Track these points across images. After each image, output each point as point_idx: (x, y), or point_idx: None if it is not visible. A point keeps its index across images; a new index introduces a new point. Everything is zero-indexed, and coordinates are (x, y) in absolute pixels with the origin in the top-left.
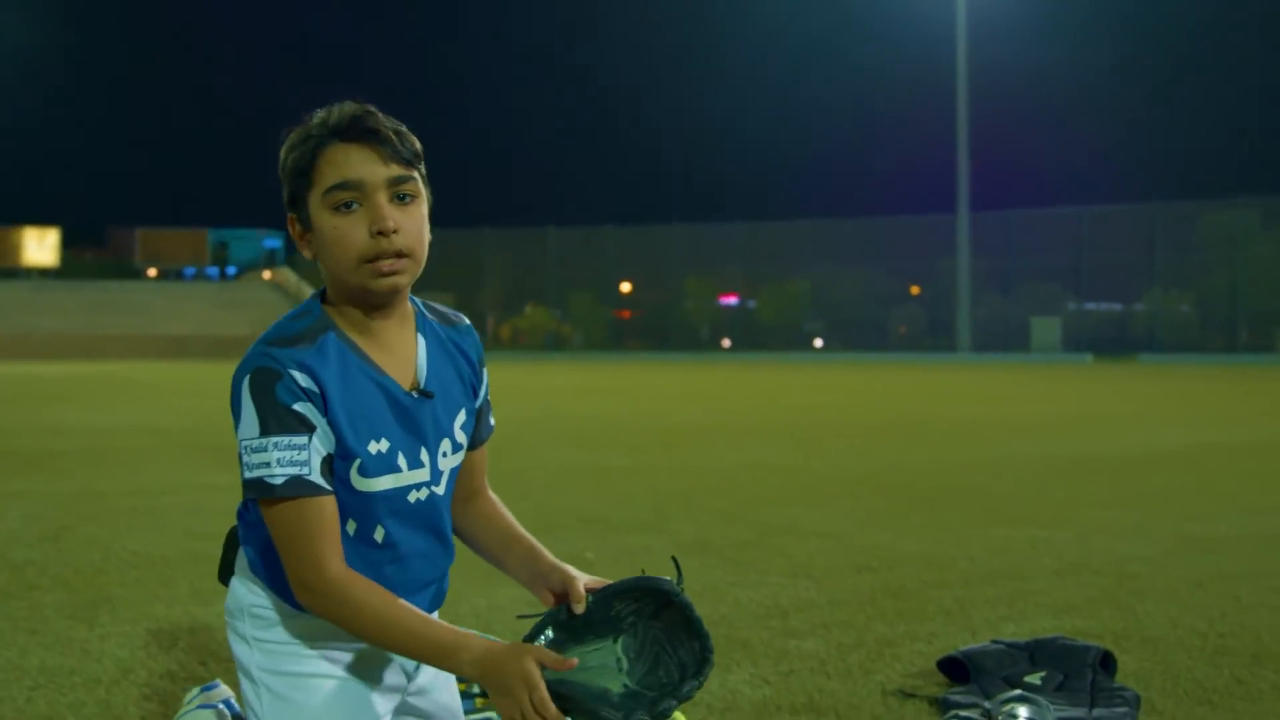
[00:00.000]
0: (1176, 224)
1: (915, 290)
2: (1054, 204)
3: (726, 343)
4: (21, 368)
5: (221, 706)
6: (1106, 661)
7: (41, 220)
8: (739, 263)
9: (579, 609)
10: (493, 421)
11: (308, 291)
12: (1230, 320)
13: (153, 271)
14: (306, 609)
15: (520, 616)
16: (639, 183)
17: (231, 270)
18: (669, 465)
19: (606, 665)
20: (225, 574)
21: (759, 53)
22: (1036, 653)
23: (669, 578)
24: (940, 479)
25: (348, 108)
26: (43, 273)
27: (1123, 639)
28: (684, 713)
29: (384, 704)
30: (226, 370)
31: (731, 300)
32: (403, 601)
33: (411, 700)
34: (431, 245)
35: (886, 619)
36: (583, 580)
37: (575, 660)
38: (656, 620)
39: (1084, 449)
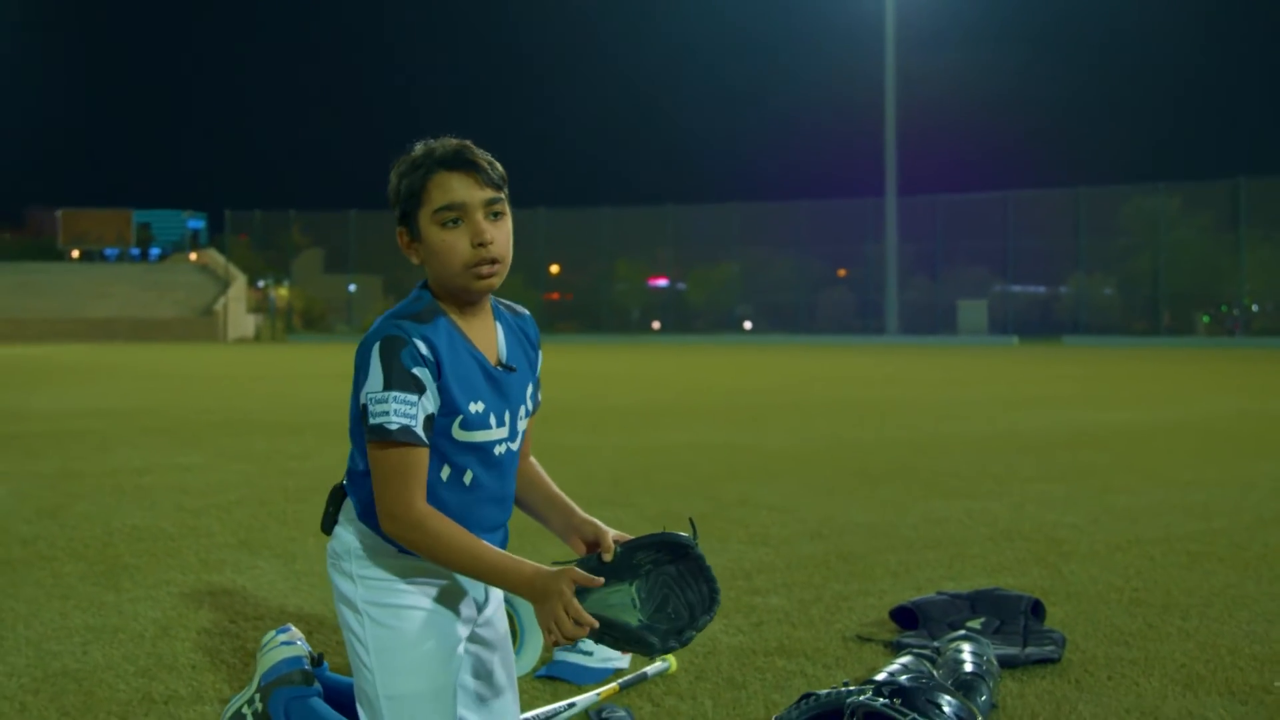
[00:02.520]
0: (1100, 209)
1: (842, 273)
2: (980, 189)
3: (657, 325)
4: None
5: (300, 644)
6: (1037, 609)
7: None
8: (669, 246)
9: (607, 558)
10: (540, 397)
11: (236, 274)
12: (1152, 303)
13: (76, 253)
14: (391, 537)
15: (555, 563)
16: (569, 166)
17: (155, 252)
18: (622, 445)
19: (624, 604)
20: (328, 524)
21: (691, 38)
22: (976, 602)
23: (688, 535)
24: (880, 456)
25: (450, 143)
26: None
27: (1050, 593)
28: (675, 657)
29: (462, 630)
30: (155, 352)
31: (662, 283)
32: (470, 534)
33: (479, 630)
34: (359, 226)
35: (840, 579)
36: (611, 534)
37: (602, 580)
38: (673, 570)
39: (1013, 427)
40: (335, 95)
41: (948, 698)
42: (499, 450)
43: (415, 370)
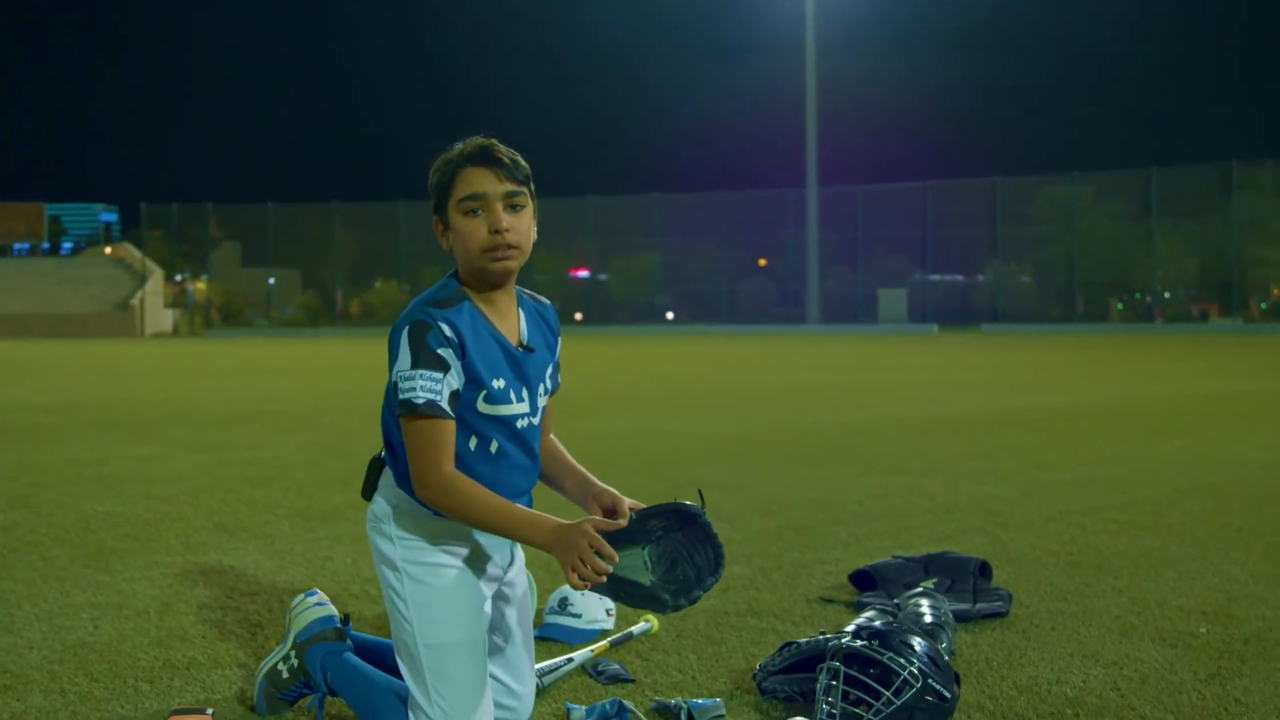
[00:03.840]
0: (1016, 198)
1: (763, 262)
2: (900, 179)
3: (579, 316)
4: None
5: (330, 605)
6: (985, 570)
7: None
8: (590, 237)
9: (623, 522)
10: (559, 380)
11: (153, 268)
12: (1068, 290)
13: None
14: (422, 501)
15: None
16: None
17: (67, 246)
18: (569, 431)
19: (636, 566)
20: (368, 491)
21: (612, 27)
22: (929, 564)
23: (696, 505)
24: (818, 438)
25: (477, 140)
26: None
27: (993, 558)
28: (656, 619)
29: (488, 588)
30: (77, 348)
31: (583, 274)
32: (495, 494)
33: (504, 588)
34: (278, 219)
35: (796, 549)
36: (627, 502)
37: (624, 522)
38: (682, 535)
39: (940, 411)
40: (253, 85)
41: (918, 639)
42: (521, 424)
43: (440, 351)
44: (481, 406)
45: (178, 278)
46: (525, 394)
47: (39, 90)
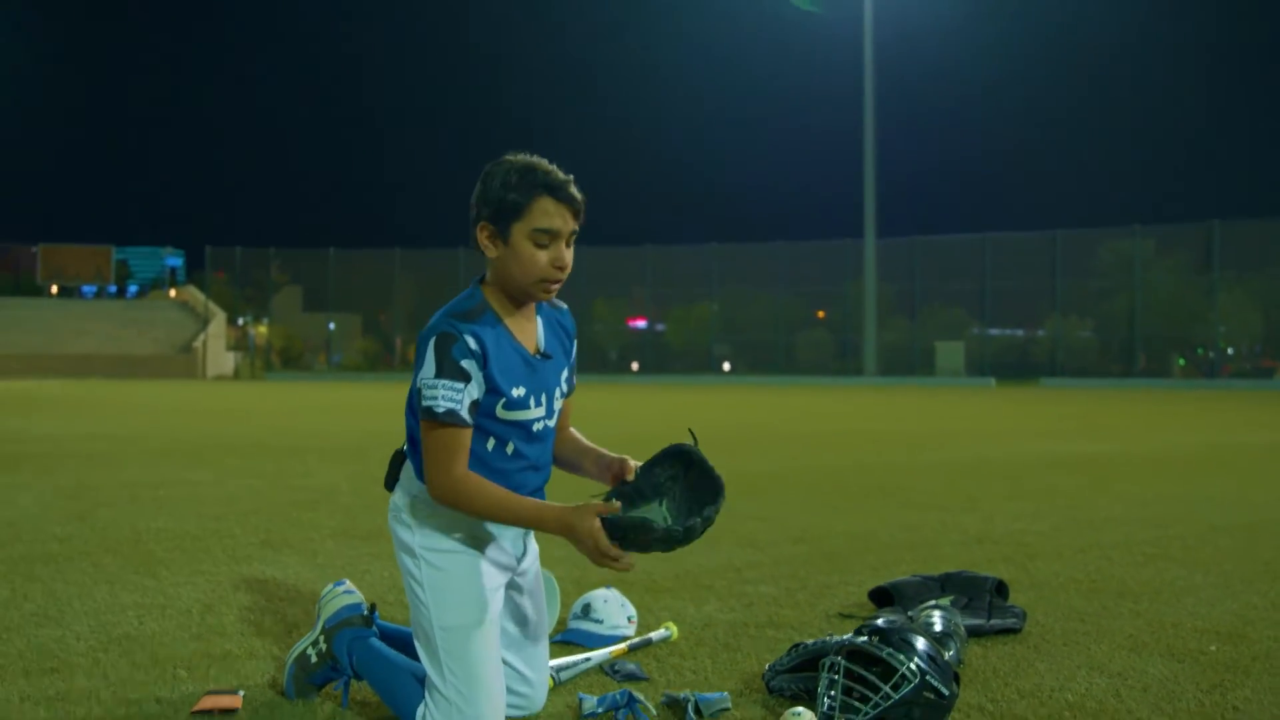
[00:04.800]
0: (1076, 251)
1: (821, 315)
2: (958, 230)
3: (635, 366)
4: None
5: (358, 594)
6: (1001, 588)
7: None
8: (647, 286)
9: (630, 477)
10: (575, 381)
11: (215, 311)
12: (1128, 345)
13: (54, 289)
14: (436, 500)
15: (593, 496)
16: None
17: (133, 289)
18: None
19: (659, 517)
20: (391, 482)
21: (670, 79)
22: (946, 583)
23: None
24: (858, 477)
25: (559, 174)
26: None
27: (1015, 584)
28: (677, 628)
29: (501, 576)
30: (138, 387)
31: (640, 324)
32: (502, 488)
33: (517, 578)
34: (339, 264)
35: (823, 572)
36: (631, 462)
37: (619, 505)
38: (686, 480)
39: (987, 455)
40: (314, 134)
41: (920, 639)
42: (537, 427)
43: (464, 363)
44: (500, 413)
45: (240, 321)
46: (543, 399)
47: (109, 136)
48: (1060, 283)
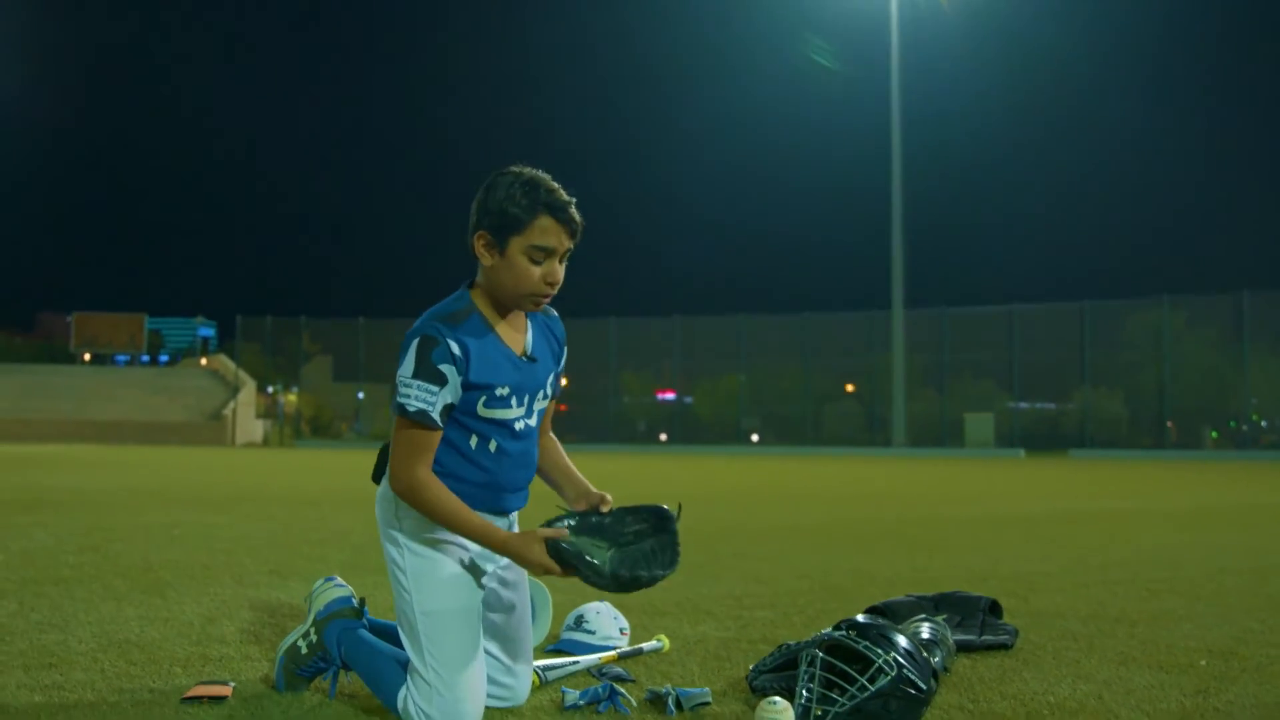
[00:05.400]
0: (1105, 322)
1: (850, 388)
2: (985, 300)
3: (664, 437)
4: None
5: (348, 588)
6: (994, 608)
7: None
8: (676, 358)
9: (605, 509)
10: (560, 386)
11: (246, 379)
12: (1159, 418)
13: (87, 356)
14: (394, 492)
15: (559, 506)
16: (575, 276)
17: (164, 359)
18: None
19: (601, 558)
20: (378, 474)
21: (695, 150)
22: (940, 602)
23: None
24: (875, 527)
25: (561, 195)
26: None
27: (1013, 613)
28: (668, 638)
29: (485, 565)
30: (167, 452)
31: (669, 396)
32: (459, 501)
33: (501, 572)
34: (368, 334)
35: (822, 601)
36: (610, 500)
37: (566, 531)
38: (648, 545)
39: (1005, 510)
40: (345, 205)
41: (900, 636)
42: (519, 425)
43: (442, 367)
44: (482, 410)
45: (269, 389)
46: (525, 400)
47: (143, 207)
48: (1089, 354)
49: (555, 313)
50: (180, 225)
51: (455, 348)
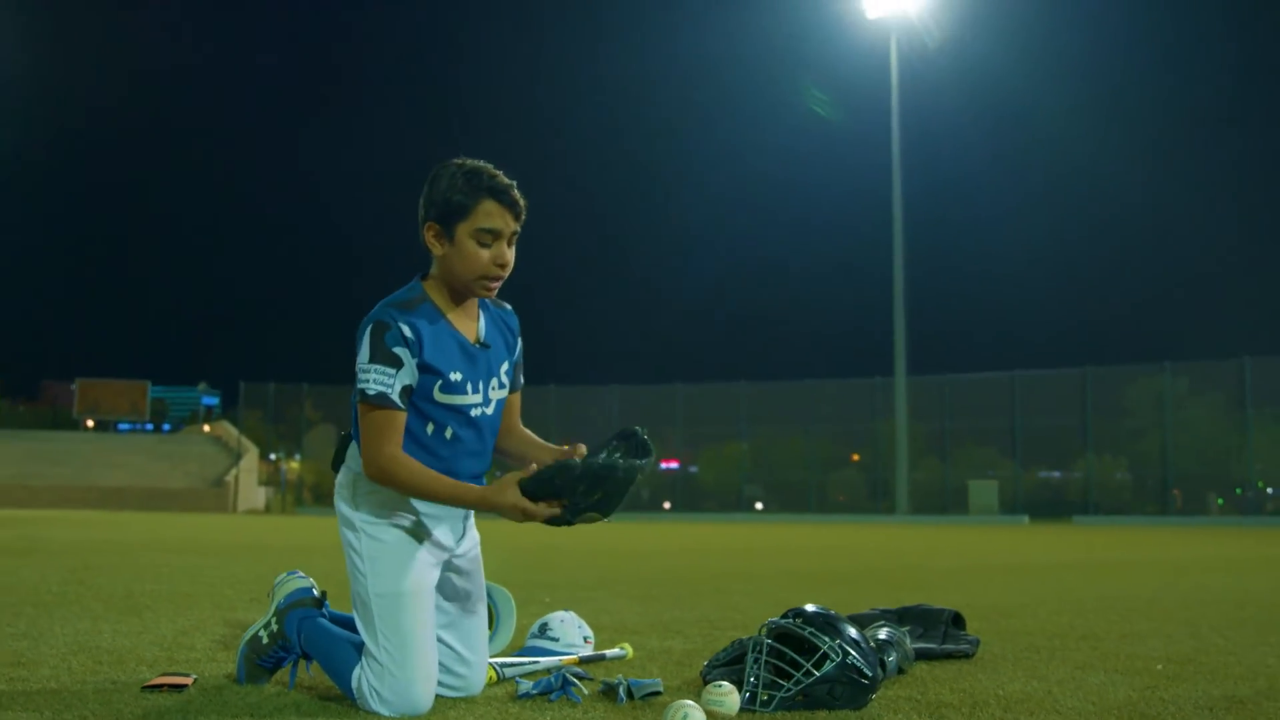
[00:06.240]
0: (1107, 389)
1: (855, 458)
2: (987, 367)
3: (667, 505)
4: None
5: (310, 580)
6: (957, 620)
7: None
8: (679, 425)
9: (534, 467)
10: (521, 380)
11: (249, 446)
12: (1163, 484)
13: (90, 423)
14: (369, 477)
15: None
16: (575, 344)
17: (166, 428)
18: (632, 573)
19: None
20: (337, 464)
21: (696, 217)
22: (904, 615)
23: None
24: (864, 574)
25: (502, 179)
26: None
27: (983, 635)
28: (631, 647)
29: (438, 555)
30: (170, 518)
31: (673, 465)
32: (430, 470)
33: (455, 560)
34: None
35: None
36: (583, 447)
37: (535, 467)
38: (620, 449)
39: (996, 560)
40: (344, 271)
41: (849, 626)
42: (475, 413)
43: (395, 349)
44: (438, 395)
45: (272, 457)
46: (480, 387)
47: (146, 276)
48: (1091, 420)
49: (509, 306)
50: (184, 293)
51: (407, 330)
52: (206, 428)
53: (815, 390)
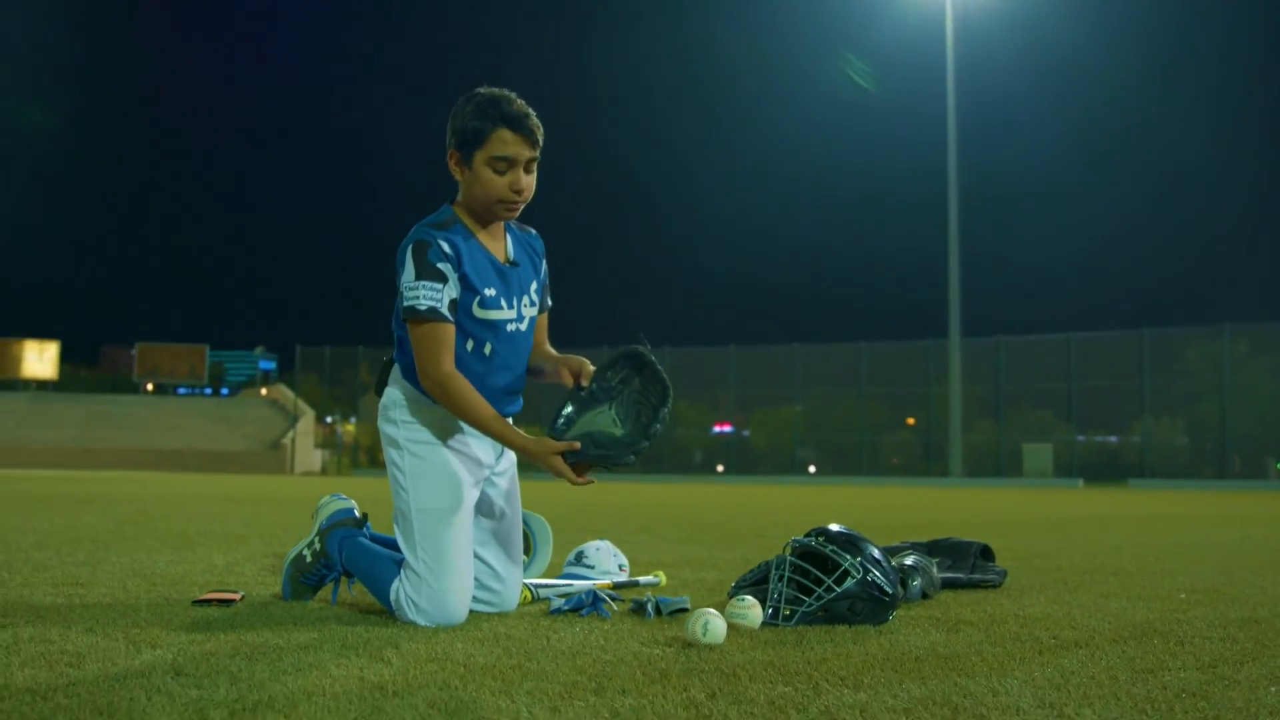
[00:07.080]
0: (1164, 351)
1: (911, 421)
2: (1043, 329)
3: (720, 468)
4: (21, 474)
5: (352, 502)
6: (986, 552)
7: (40, 335)
8: (732, 387)
9: (585, 382)
10: (549, 301)
11: (305, 409)
12: (1221, 448)
13: (150, 387)
14: (425, 392)
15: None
16: (629, 306)
17: (224, 392)
18: (676, 520)
19: (607, 423)
20: (380, 387)
21: (750, 180)
22: (934, 547)
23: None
24: (907, 525)
25: (517, 105)
26: (40, 385)
27: (1014, 573)
28: (664, 574)
29: (478, 470)
30: (228, 479)
31: (726, 429)
32: (484, 400)
33: (493, 477)
34: None
35: None
36: (590, 366)
37: (578, 444)
38: (636, 383)
39: (1043, 514)
40: (399, 238)
41: (872, 546)
42: (510, 328)
43: (439, 265)
44: (476, 311)
45: (328, 419)
46: (514, 303)
47: (205, 240)
48: (1148, 383)
49: (534, 230)
50: (242, 259)
51: (446, 246)
52: (264, 391)
53: (869, 352)
